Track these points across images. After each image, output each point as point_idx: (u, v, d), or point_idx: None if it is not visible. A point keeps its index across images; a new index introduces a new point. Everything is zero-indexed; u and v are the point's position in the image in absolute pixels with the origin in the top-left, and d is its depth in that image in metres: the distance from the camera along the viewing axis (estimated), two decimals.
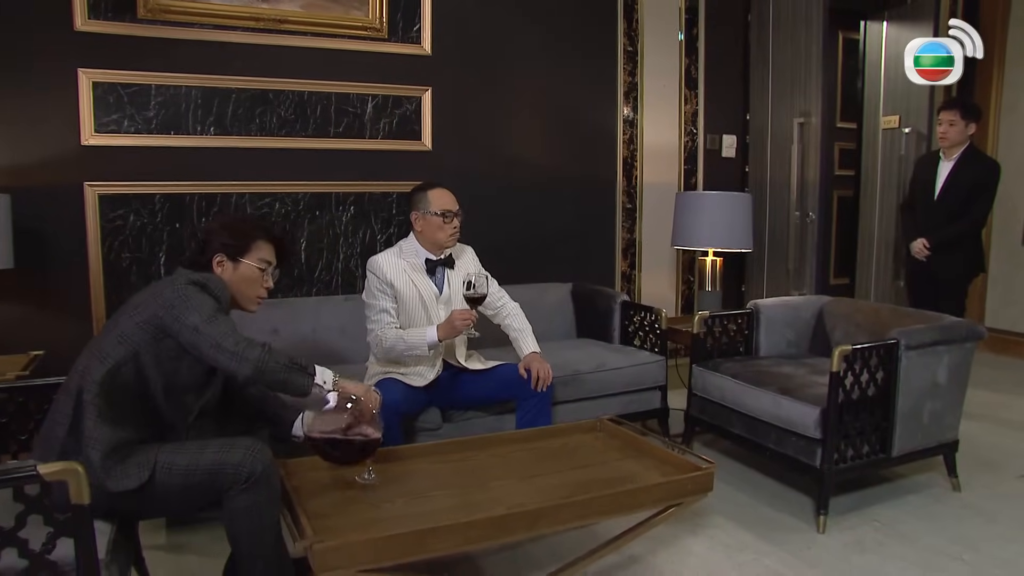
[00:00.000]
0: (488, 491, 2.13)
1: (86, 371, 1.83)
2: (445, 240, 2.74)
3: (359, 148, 3.57)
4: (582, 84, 4.10)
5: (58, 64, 3.02)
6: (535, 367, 2.75)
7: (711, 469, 2.21)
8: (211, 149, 3.29)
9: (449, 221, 2.72)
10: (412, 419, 2.75)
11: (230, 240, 2.02)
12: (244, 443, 1.84)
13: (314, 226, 3.53)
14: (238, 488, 1.79)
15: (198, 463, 1.81)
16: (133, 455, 1.81)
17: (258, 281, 2.06)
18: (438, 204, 2.72)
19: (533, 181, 3.98)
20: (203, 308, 1.84)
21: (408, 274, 2.73)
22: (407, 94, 3.65)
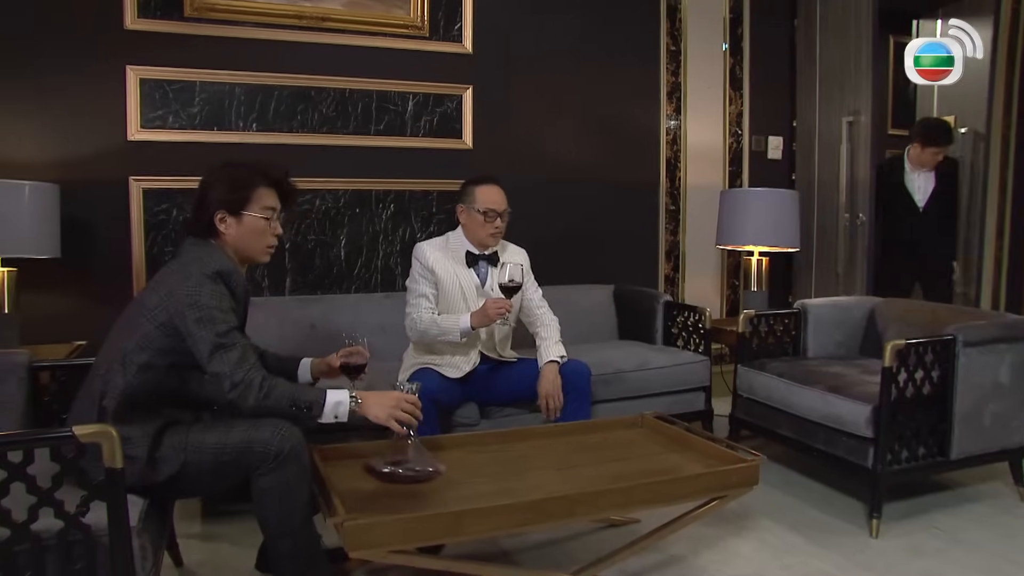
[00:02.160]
0: (526, 479, 2.11)
1: (108, 376, 1.84)
2: (485, 238, 2.75)
3: (400, 146, 3.60)
4: (625, 84, 4.09)
5: (107, 61, 3.12)
6: (543, 392, 2.67)
7: (756, 461, 2.15)
8: (253, 145, 3.32)
9: (491, 220, 2.71)
10: (449, 413, 2.74)
11: (228, 194, 1.95)
12: (272, 421, 1.83)
13: (354, 223, 3.56)
14: (266, 467, 1.80)
15: (227, 441, 1.82)
16: (165, 440, 1.83)
17: (265, 231, 2.00)
18: (482, 201, 2.72)
19: (575, 182, 3.97)
20: (215, 320, 1.80)
21: (451, 264, 2.74)
22: (448, 92, 3.68)
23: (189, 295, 1.82)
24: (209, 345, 1.80)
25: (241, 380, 1.79)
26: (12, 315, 2.76)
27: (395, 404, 1.95)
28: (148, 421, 1.83)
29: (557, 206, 3.90)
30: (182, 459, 1.81)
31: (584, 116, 4.01)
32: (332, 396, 1.90)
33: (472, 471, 2.11)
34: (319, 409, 1.88)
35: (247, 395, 1.80)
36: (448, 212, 3.70)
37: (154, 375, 1.85)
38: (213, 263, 1.88)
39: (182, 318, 1.82)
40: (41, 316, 2.96)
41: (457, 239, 2.80)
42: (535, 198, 3.78)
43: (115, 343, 1.88)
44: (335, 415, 1.90)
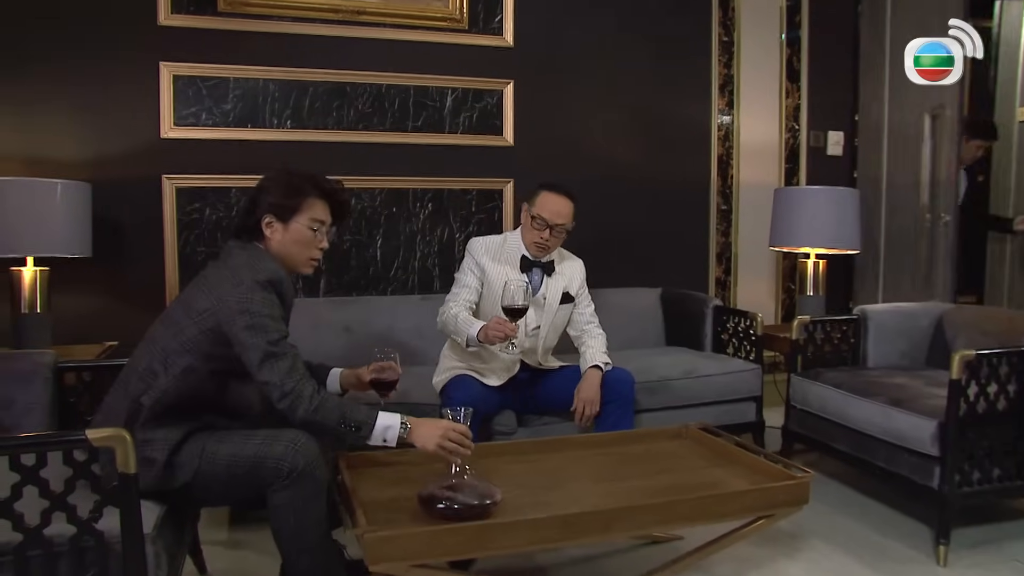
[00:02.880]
0: (561, 491, 2.06)
1: (147, 375, 1.84)
2: (529, 245, 2.71)
3: (438, 143, 3.58)
4: (674, 77, 4.00)
5: (141, 58, 3.16)
6: (581, 397, 2.63)
7: (807, 478, 2.05)
8: (287, 143, 3.34)
9: (539, 229, 2.66)
10: (487, 420, 2.70)
11: (280, 199, 1.96)
12: (287, 436, 1.81)
13: (390, 223, 3.55)
14: (280, 483, 1.78)
15: (240, 454, 1.81)
16: (185, 446, 1.83)
17: (311, 242, 2.00)
18: (539, 206, 2.68)
19: (620, 181, 3.89)
20: (267, 327, 1.81)
21: (503, 266, 2.71)
22: (488, 87, 3.64)
23: (240, 301, 1.81)
24: (260, 353, 1.80)
25: (292, 390, 1.80)
26: (44, 315, 2.81)
27: (443, 434, 1.91)
28: (178, 425, 1.83)
29: (602, 206, 3.82)
30: (196, 467, 1.81)
31: (631, 112, 3.94)
32: (383, 419, 1.90)
33: (506, 482, 2.06)
34: (368, 431, 1.89)
35: (297, 406, 1.81)
36: (488, 212, 3.68)
37: (195, 379, 1.85)
38: (265, 270, 1.88)
39: (232, 324, 1.81)
40: (72, 316, 3.00)
41: (515, 241, 2.77)
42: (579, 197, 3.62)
43: (156, 342, 1.88)
44: (384, 438, 1.90)
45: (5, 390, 2.15)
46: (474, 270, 2.71)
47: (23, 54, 3.05)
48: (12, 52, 3.03)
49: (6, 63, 3.03)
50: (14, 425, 2.14)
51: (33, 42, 3.06)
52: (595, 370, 2.68)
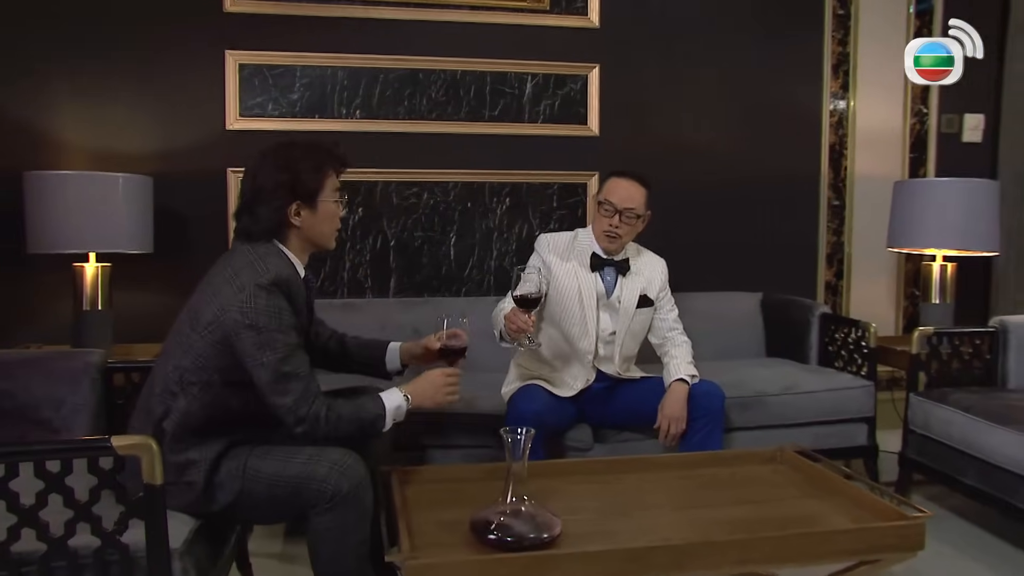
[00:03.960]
0: (631, 519, 1.95)
1: (166, 397, 1.83)
2: (599, 236, 2.61)
3: (517, 133, 3.52)
4: (779, 58, 3.79)
5: (206, 46, 3.21)
6: (666, 413, 2.52)
7: (922, 520, 1.84)
8: (356, 134, 3.33)
9: (606, 215, 2.55)
10: (559, 435, 2.62)
11: (303, 183, 1.89)
12: (332, 456, 1.80)
13: (465, 219, 3.51)
14: (322, 507, 1.77)
15: (283, 473, 1.80)
16: (224, 465, 1.82)
17: (337, 214, 1.98)
18: (607, 191, 2.59)
19: (718, 173, 3.72)
20: (275, 344, 1.77)
21: (573, 265, 2.62)
22: (572, 72, 3.55)
23: (244, 313, 1.76)
24: (270, 373, 1.77)
25: (306, 416, 1.80)
26: (105, 312, 2.88)
27: (439, 389, 2.01)
28: (210, 443, 1.82)
29: (696, 201, 3.67)
30: (238, 487, 1.80)
31: (730, 97, 3.75)
32: (390, 402, 1.93)
33: (571, 505, 1.96)
34: (382, 421, 1.92)
35: (315, 430, 1.82)
36: (571, 207, 3.59)
37: (215, 395, 1.83)
38: (267, 271, 1.81)
39: (239, 339, 1.78)
40: (133, 314, 3.07)
41: (586, 237, 2.68)
42: (671, 192, 3.47)
43: (170, 359, 1.86)
44: (395, 419, 1.95)
45: (55, 390, 2.19)
46: (539, 266, 2.63)
47: (91, 46, 3.15)
48: (80, 44, 3.14)
49: (75, 55, 3.14)
50: (63, 427, 2.18)
51: (100, 33, 3.15)
52: (680, 384, 2.56)
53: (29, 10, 3.09)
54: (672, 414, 2.51)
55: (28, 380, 2.19)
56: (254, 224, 1.89)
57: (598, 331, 2.58)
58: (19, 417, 2.17)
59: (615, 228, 2.56)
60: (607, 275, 2.64)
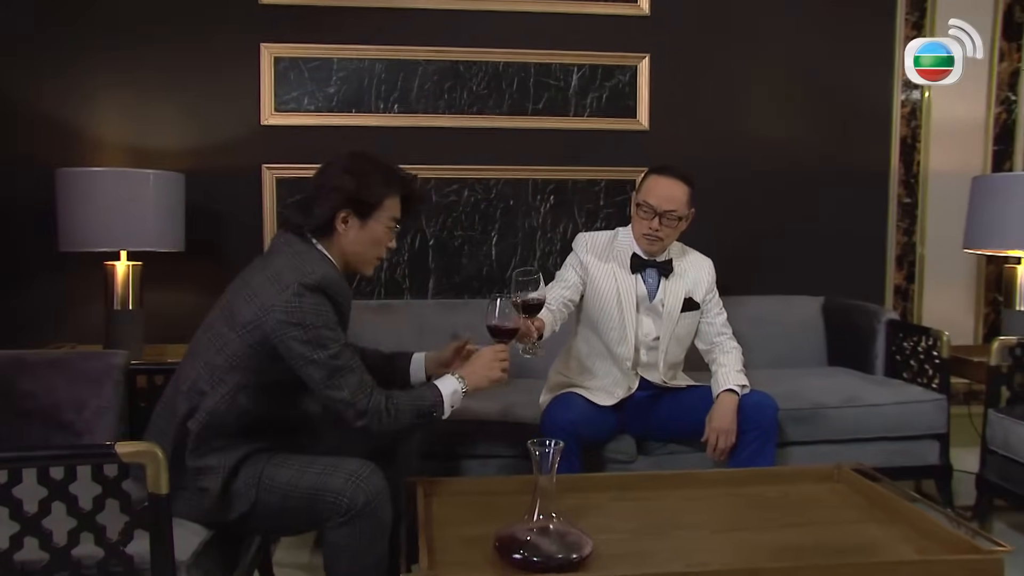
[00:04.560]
0: (669, 540, 1.86)
1: (193, 394, 1.81)
2: (639, 239, 2.53)
3: (562, 127, 3.46)
4: (846, 43, 3.63)
5: (241, 39, 3.23)
6: (714, 425, 2.43)
7: (999, 554, 1.70)
8: (394, 129, 3.33)
9: (645, 218, 2.46)
10: (597, 446, 2.56)
11: (363, 194, 1.88)
12: (349, 467, 1.78)
13: (507, 218, 3.47)
14: (336, 520, 1.75)
15: (298, 484, 1.77)
16: (242, 471, 1.80)
17: (383, 242, 1.96)
18: (646, 191, 2.50)
19: (777, 168, 3.60)
20: (325, 341, 1.76)
21: (612, 266, 2.55)
22: (620, 63, 3.47)
23: (289, 312, 1.74)
24: (325, 370, 1.76)
25: (367, 408, 1.79)
26: (136, 312, 2.91)
27: (490, 366, 1.99)
28: (231, 449, 1.80)
29: (753, 198, 3.57)
30: (253, 497, 1.78)
31: (791, 87, 3.63)
32: (446, 389, 1.93)
33: (606, 524, 1.88)
34: (441, 408, 1.92)
35: (377, 421, 1.81)
36: (618, 206, 3.52)
37: (246, 397, 1.81)
38: (314, 272, 1.79)
39: (283, 339, 1.76)
40: (165, 314, 3.10)
41: (626, 237, 2.60)
42: (725, 189, 3.50)
43: (200, 356, 1.84)
44: (452, 404, 1.94)
45: (78, 392, 2.22)
46: (576, 267, 2.55)
47: (124, 40, 3.20)
48: (113, 38, 3.19)
49: (108, 50, 3.19)
50: (85, 430, 2.21)
51: (134, 27, 3.20)
52: (729, 394, 2.46)
53: (63, 6, 3.15)
54: (720, 427, 2.42)
55: (51, 381, 2.22)
56: (302, 218, 1.90)
57: (638, 336, 2.51)
58: (42, 419, 2.20)
59: (655, 232, 2.47)
60: (649, 277, 2.55)
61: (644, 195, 2.48)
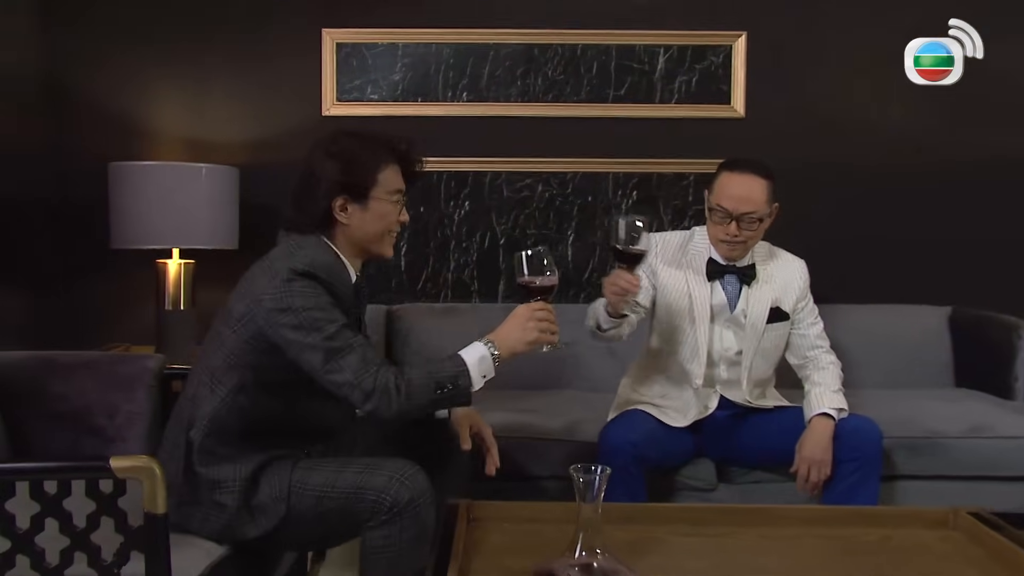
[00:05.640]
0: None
1: (195, 402, 1.80)
2: (716, 245, 2.38)
3: (646, 116, 3.38)
4: (983, 10, 3.39)
5: (302, 25, 3.26)
6: (805, 455, 2.28)
7: None
8: (462, 119, 3.32)
9: (723, 222, 2.31)
10: (670, 471, 2.46)
11: (351, 175, 1.82)
12: (393, 465, 1.74)
13: (585, 214, 3.40)
14: (378, 519, 1.70)
15: (334, 484, 1.73)
16: (264, 482, 1.76)
17: (392, 218, 1.89)
18: (719, 193, 2.34)
19: (895, 159, 3.40)
20: (317, 321, 1.71)
21: (685, 271, 2.42)
22: (713, 43, 3.36)
23: (277, 299, 1.72)
24: (320, 353, 1.70)
25: (373, 387, 1.69)
26: (188, 312, 2.95)
27: (527, 321, 1.83)
28: (242, 458, 1.76)
29: (865, 193, 3.39)
30: (283, 511, 1.73)
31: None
32: (471, 355, 1.78)
33: (665, 562, 1.76)
34: (467, 378, 1.76)
35: (387, 402, 1.70)
36: None
37: (247, 399, 1.78)
38: (304, 257, 1.77)
39: (276, 328, 1.72)
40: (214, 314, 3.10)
41: (702, 239, 2.46)
42: (832, 182, 3.36)
43: (202, 360, 1.85)
44: (483, 374, 1.78)
45: (110, 396, 2.22)
46: (645, 271, 2.42)
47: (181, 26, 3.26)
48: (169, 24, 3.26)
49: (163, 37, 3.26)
50: (116, 436, 2.20)
51: (191, 13, 3.26)
52: (823, 419, 2.30)
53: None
54: (812, 457, 2.25)
55: (83, 384, 2.23)
56: (299, 216, 1.87)
57: (717, 351, 2.37)
58: (74, 422, 2.20)
59: (734, 237, 2.31)
60: (728, 284, 2.40)
61: (717, 197, 2.33)
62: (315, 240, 1.84)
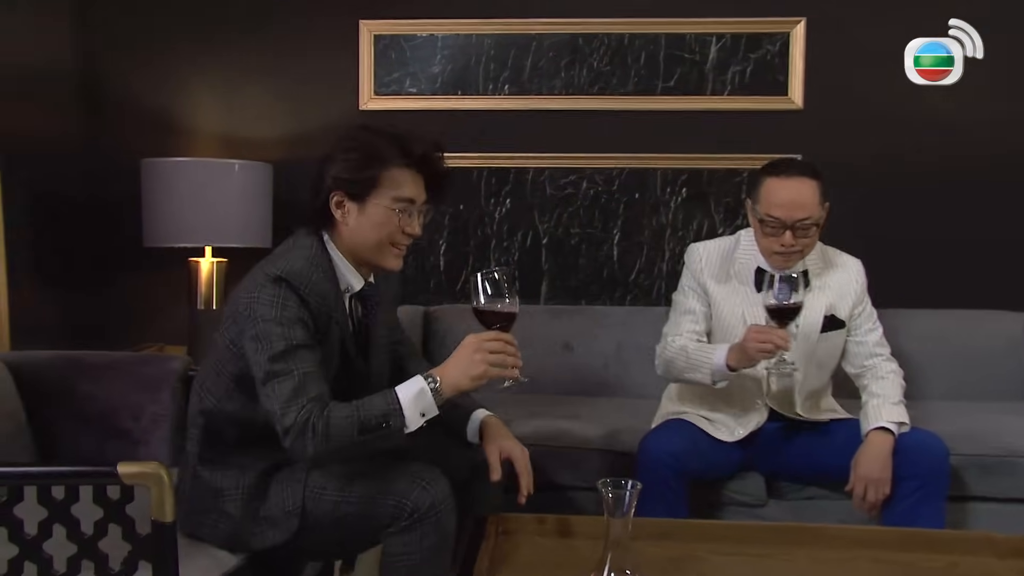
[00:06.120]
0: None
1: (195, 404, 1.82)
2: (769, 258, 2.27)
3: (697, 108, 3.31)
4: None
5: (339, 16, 3.26)
6: (861, 472, 2.16)
7: None
8: (504, 112, 3.30)
9: (773, 234, 2.20)
10: (719, 484, 2.38)
11: (352, 172, 1.73)
12: (413, 469, 1.71)
13: (632, 213, 3.34)
14: (397, 526, 1.67)
15: (352, 488, 1.70)
16: (273, 491, 1.73)
17: (393, 227, 1.75)
18: (766, 202, 2.21)
19: (968, 153, 3.26)
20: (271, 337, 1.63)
21: (733, 282, 2.33)
22: (769, 30, 3.26)
23: (246, 303, 1.68)
24: (262, 371, 1.64)
25: (292, 424, 1.59)
26: (220, 312, 2.90)
27: (473, 353, 1.65)
28: (245, 465, 1.75)
29: (933, 191, 3.26)
30: (295, 526, 1.71)
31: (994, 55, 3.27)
32: (407, 391, 1.64)
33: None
34: (399, 418, 1.62)
35: (303, 444, 1.59)
36: None
37: (239, 406, 1.75)
38: (283, 262, 1.71)
39: (242, 335, 1.69)
40: None
41: (748, 245, 2.36)
42: (897, 179, 3.25)
43: (201, 364, 1.88)
44: (421, 412, 1.64)
45: (136, 397, 2.26)
46: (695, 289, 2.34)
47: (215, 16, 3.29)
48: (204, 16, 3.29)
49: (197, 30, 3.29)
50: (141, 439, 2.25)
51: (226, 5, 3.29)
52: (881, 434, 2.18)
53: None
54: (869, 475, 2.14)
55: (110, 385, 2.28)
56: (310, 205, 1.81)
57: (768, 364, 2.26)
58: (99, 424, 2.25)
59: (788, 249, 2.20)
60: (780, 291, 2.28)
61: (765, 207, 2.20)
62: (310, 241, 1.78)
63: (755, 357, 2.06)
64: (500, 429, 1.93)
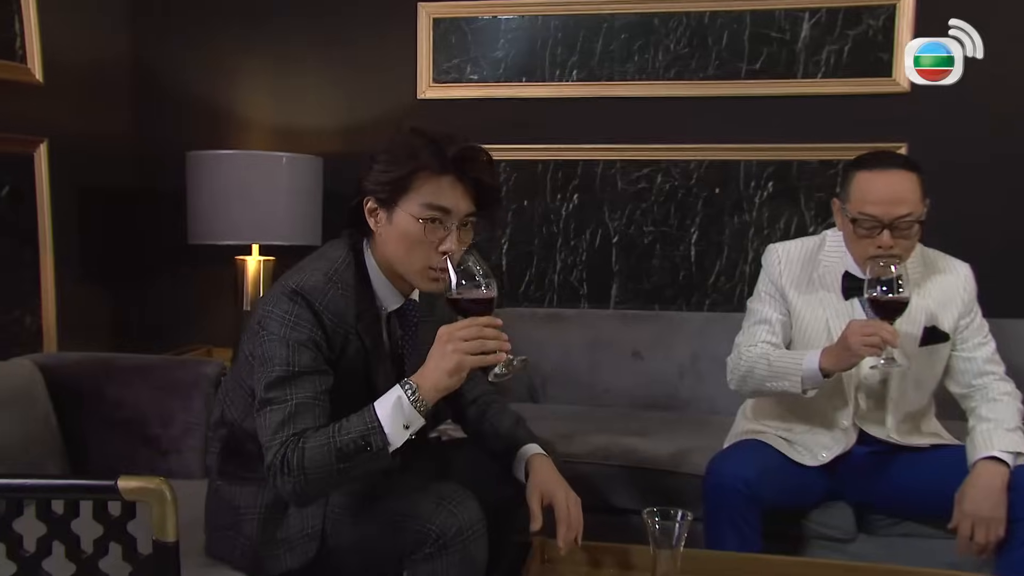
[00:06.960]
0: None
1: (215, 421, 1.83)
2: (863, 263, 2.10)
3: (786, 93, 3.17)
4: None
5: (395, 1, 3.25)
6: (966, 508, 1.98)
7: None
8: (572, 100, 3.23)
9: (867, 235, 2.05)
10: (800, 514, 2.25)
11: (383, 174, 1.63)
12: (441, 491, 1.65)
13: (711, 209, 3.23)
14: (422, 552, 1.61)
15: (374, 509, 1.67)
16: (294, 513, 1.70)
17: (420, 241, 1.63)
18: (858, 201, 2.07)
19: None
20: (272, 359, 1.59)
21: (816, 289, 2.20)
22: (870, 3, 3.09)
23: (262, 317, 1.64)
24: (257, 400, 1.61)
25: (271, 460, 1.55)
26: None
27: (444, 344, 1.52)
28: (261, 486, 1.70)
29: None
30: (312, 552, 1.68)
31: None
32: (384, 404, 1.55)
33: None
34: (379, 436, 1.52)
35: (283, 482, 1.54)
36: None
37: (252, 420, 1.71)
38: (302, 276, 1.65)
39: (255, 348, 1.66)
40: None
41: (835, 247, 2.22)
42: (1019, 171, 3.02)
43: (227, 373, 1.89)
44: (405, 424, 1.54)
45: (166, 404, 2.28)
46: (774, 295, 2.21)
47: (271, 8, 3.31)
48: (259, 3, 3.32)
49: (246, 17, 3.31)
50: (171, 448, 2.27)
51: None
52: (992, 464, 1.99)
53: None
54: (976, 512, 1.95)
55: (140, 390, 2.29)
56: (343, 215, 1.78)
57: (856, 382, 2.13)
58: (128, 431, 2.27)
59: (885, 250, 2.03)
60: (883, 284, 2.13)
61: (858, 204, 2.05)
62: (341, 251, 1.72)
63: (859, 352, 1.91)
64: (546, 470, 1.80)
